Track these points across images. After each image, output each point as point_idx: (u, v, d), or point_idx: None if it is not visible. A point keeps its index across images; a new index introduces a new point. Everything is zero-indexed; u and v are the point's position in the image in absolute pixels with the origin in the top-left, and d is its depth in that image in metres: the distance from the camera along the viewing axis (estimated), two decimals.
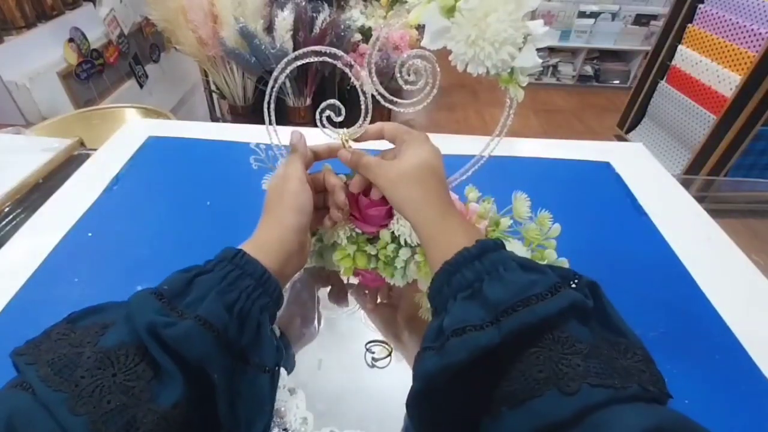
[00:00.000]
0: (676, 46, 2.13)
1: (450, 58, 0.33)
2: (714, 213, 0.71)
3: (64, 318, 0.29)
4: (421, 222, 0.36)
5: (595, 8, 3.02)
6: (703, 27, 2.00)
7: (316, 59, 0.41)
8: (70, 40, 1.47)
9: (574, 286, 0.28)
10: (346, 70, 0.40)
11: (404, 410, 0.31)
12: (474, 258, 0.30)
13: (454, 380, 0.27)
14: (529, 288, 0.27)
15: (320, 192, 0.43)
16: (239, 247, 0.34)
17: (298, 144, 0.41)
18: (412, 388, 0.29)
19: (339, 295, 0.52)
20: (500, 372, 0.26)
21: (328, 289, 0.53)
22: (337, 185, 0.42)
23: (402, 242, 0.44)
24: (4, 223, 0.69)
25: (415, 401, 0.29)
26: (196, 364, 0.26)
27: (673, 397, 0.24)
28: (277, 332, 0.39)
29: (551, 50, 3.25)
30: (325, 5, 1.49)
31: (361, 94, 0.40)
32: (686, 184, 0.79)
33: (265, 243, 0.35)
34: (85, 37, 1.52)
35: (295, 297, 0.49)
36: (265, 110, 0.42)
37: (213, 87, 1.75)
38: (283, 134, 0.44)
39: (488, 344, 0.25)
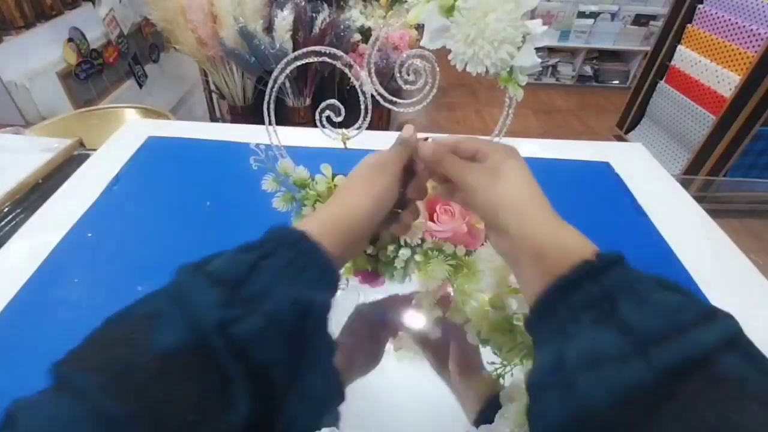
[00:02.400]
0: (676, 47, 2.13)
1: (449, 57, 0.33)
2: (713, 213, 0.71)
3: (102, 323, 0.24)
4: (527, 227, 0.29)
5: (594, 8, 3.02)
6: (703, 27, 2.01)
7: (315, 59, 0.41)
8: (70, 40, 1.47)
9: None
10: (346, 70, 0.40)
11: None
12: (598, 272, 0.24)
13: None
14: (678, 311, 0.21)
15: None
16: (303, 223, 0.30)
17: (410, 139, 0.36)
18: None
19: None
20: (649, 422, 0.19)
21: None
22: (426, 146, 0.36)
23: (402, 242, 0.44)
24: (3, 223, 0.69)
25: None
26: (260, 370, 0.22)
27: None
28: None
29: (551, 50, 3.25)
30: (325, 5, 1.50)
31: (360, 94, 0.40)
32: (685, 184, 0.79)
33: (332, 221, 0.31)
34: (84, 37, 1.52)
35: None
36: (265, 110, 0.42)
37: (213, 87, 1.75)
38: (283, 134, 0.44)
39: (636, 383, 0.19)
